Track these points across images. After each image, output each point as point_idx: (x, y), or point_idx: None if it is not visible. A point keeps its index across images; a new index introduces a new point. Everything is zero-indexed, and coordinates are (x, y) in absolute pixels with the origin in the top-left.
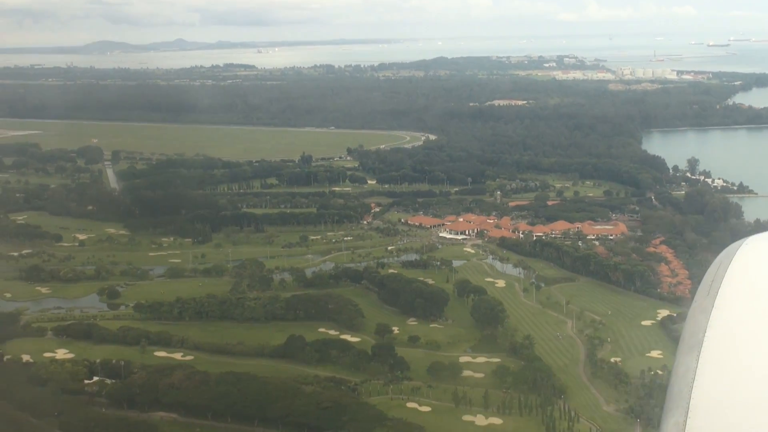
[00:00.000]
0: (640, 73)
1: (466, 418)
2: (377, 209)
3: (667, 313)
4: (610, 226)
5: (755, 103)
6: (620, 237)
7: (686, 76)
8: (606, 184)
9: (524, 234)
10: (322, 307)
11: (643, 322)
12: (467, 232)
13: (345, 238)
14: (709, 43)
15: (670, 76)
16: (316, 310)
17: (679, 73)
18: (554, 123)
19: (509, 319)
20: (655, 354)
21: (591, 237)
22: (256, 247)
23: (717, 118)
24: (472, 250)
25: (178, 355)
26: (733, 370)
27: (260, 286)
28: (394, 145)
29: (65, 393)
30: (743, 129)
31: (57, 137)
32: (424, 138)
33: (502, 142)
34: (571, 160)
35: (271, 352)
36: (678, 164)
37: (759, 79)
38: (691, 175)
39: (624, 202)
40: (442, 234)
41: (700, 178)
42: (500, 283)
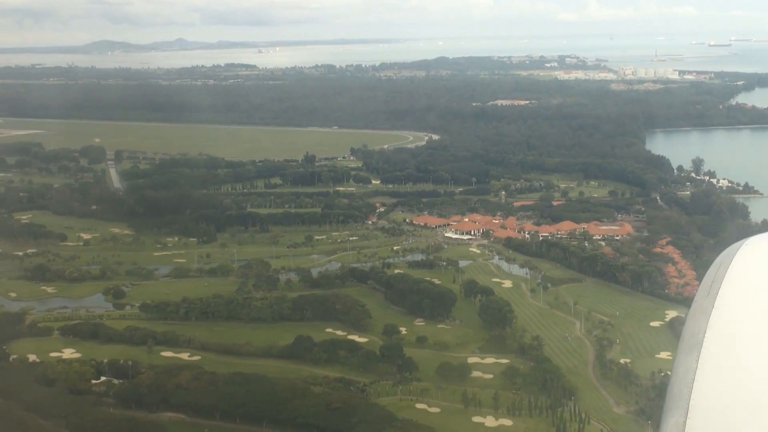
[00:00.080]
0: (642, 73)
1: (476, 419)
2: (382, 209)
3: (676, 314)
4: (616, 227)
5: (758, 103)
6: (626, 237)
7: (688, 76)
8: (611, 185)
9: (530, 234)
10: (329, 308)
11: (652, 323)
12: (472, 232)
13: (350, 238)
14: (710, 43)
15: (672, 76)
16: (323, 310)
17: (681, 73)
18: (557, 123)
19: (517, 320)
20: (665, 355)
21: (597, 237)
22: (261, 247)
23: (720, 118)
24: (478, 251)
25: (185, 356)
26: (733, 371)
27: (266, 286)
28: (398, 145)
29: (73, 393)
30: (747, 129)
31: (59, 137)
32: (427, 138)
33: (506, 142)
34: (575, 160)
35: (279, 353)
36: (682, 164)
37: (761, 79)
38: (695, 175)
39: (629, 202)
40: (448, 234)
41: (705, 179)
42: (507, 284)
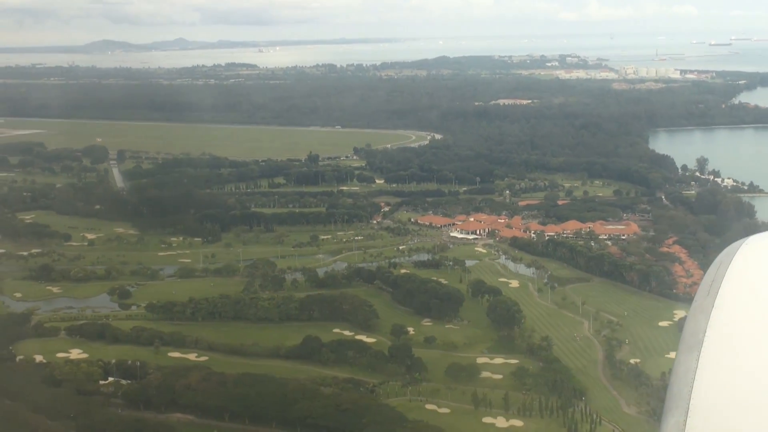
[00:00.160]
0: (644, 72)
1: (487, 420)
2: (386, 209)
3: (684, 314)
4: (622, 226)
5: (761, 103)
6: (633, 237)
7: (690, 76)
8: (615, 184)
9: (536, 234)
10: (336, 308)
11: (661, 323)
12: (478, 232)
13: (355, 238)
14: (710, 43)
15: (674, 75)
16: (330, 310)
17: (683, 72)
18: (560, 122)
19: (525, 320)
20: (674, 355)
21: (603, 237)
22: (267, 247)
23: (723, 118)
24: (484, 250)
25: (193, 356)
26: (733, 370)
27: (273, 286)
28: (401, 145)
29: (80, 394)
30: (750, 128)
31: (61, 136)
32: (430, 137)
33: (509, 142)
34: (579, 160)
35: (287, 353)
36: (686, 164)
37: (763, 78)
38: (700, 174)
39: (634, 201)
40: (453, 234)
41: (710, 178)
42: (514, 284)
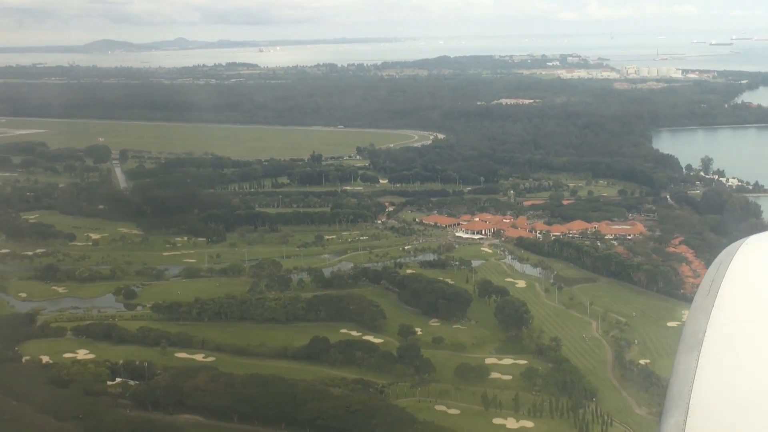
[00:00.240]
0: (645, 71)
1: (497, 421)
2: (391, 208)
3: None
4: (627, 226)
5: (763, 102)
6: (639, 237)
7: (691, 75)
8: (619, 184)
9: (542, 234)
10: (343, 308)
11: (669, 324)
12: (483, 232)
13: (360, 238)
14: (711, 42)
15: (675, 75)
16: (337, 310)
17: (684, 71)
18: (563, 122)
19: (533, 321)
20: None
21: (609, 237)
22: (271, 247)
23: (726, 117)
24: (490, 250)
25: (200, 357)
26: (733, 370)
27: (279, 286)
28: (404, 144)
29: (88, 394)
30: (753, 128)
31: (62, 136)
32: (433, 137)
33: (512, 141)
34: (583, 159)
35: (294, 354)
36: (690, 163)
37: (765, 78)
38: (704, 174)
39: (639, 201)
40: (458, 233)
41: (714, 178)
42: (521, 284)
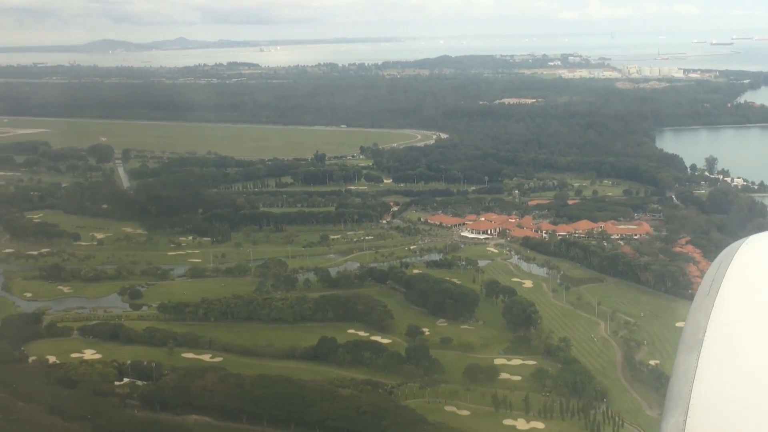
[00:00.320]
0: (647, 71)
1: (507, 422)
2: (395, 208)
3: None
4: (634, 226)
5: (766, 102)
6: (645, 237)
7: (693, 75)
8: (624, 183)
9: (548, 234)
10: (350, 308)
11: (678, 324)
12: (489, 232)
13: (366, 238)
14: (712, 42)
15: (677, 75)
16: (345, 310)
17: (686, 71)
18: (566, 121)
19: (541, 321)
20: None
21: (615, 237)
22: (277, 247)
23: (729, 117)
24: (496, 250)
25: (207, 357)
26: (733, 370)
27: (285, 286)
28: (407, 144)
29: (96, 395)
30: (756, 128)
31: (64, 135)
32: (435, 136)
33: (516, 141)
34: (587, 159)
35: (302, 354)
36: (695, 163)
37: (767, 78)
38: (709, 174)
39: (644, 201)
40: (464, 233)
41: (719, 177)
42: (527, 284)
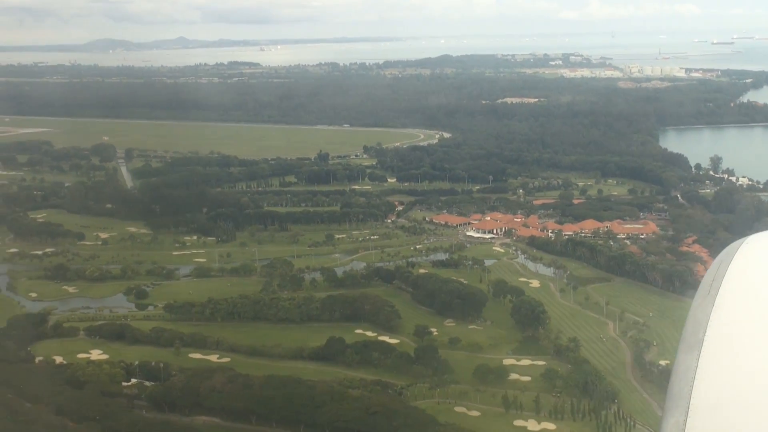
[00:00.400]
0: (649, 70)
1: (518, 423)
2: (400, 208)
3: None
4: (640, 225)
5: None
6: (652, 236)
7: (695, 74)
8: (629, 183)
9: (554, 233)
10: (357, 308)
11: None
12: (494, 231)
13: (371, 237)
14: (713, 41)
15: (679, 74)
16: (352, 310)
17: (688, 70)
18: (569, 121)
19: (549, 321)
20: None
21: (622, 236)
22: (282, 246)
23: (732, 116)
24: (502, 249)
25: (214, 357)
26: (733, 370)
27: (291, 286)
28: (410, 143)
29: (104, 396)
30: (759, 127)
31: (66, 135)
32: (438, 136)
33: (519, 140)
34: (592, 158)
35: (310, 354)
36: (699, 162)
37: None
38: (714, 173)
39: (649, 200)
40: (469, 233)
41: (724, 177)
42: (534, 283)
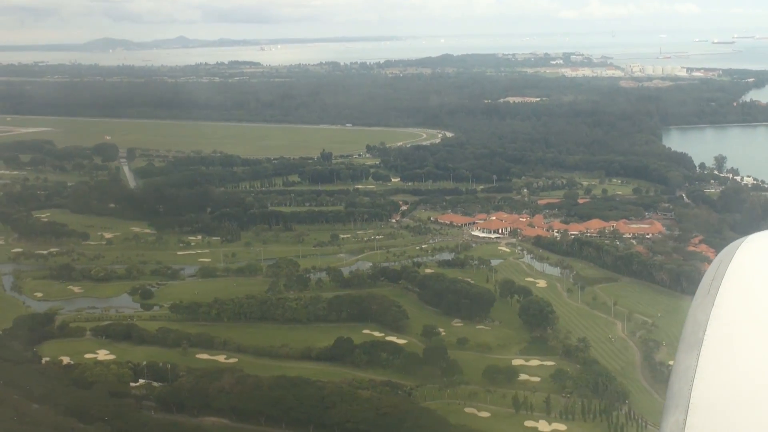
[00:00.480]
0: (650, 70)
1: (529, 424)
2: (405, 207)
3: None
4: (646, 225)
5: None
6: (658, 236)
7: (696, 73)
8: (633, 182)
9: (560, 233)
10: (364, 308)
11: None
12: (500, 231)
13: (376, 237)
14: (713, 41)
15: (680, 73)
16: (359, 311)
17: (689, 70)
18: (572, 120)
19: (558, 321)
20: None
21: (628, 236)
22: (287, 246)
23: (735, 116)
24: (508, 249)
25: (221, 358)
26: (733, 369)
27: (298, 286)
28: (413, 142)
29: (112, 396)
30: (763, 126)
31: (68, 134)
32: (441, 135)
33: (523, 140)
34: (596, 158)
35: (318, 355)
36: (703, 162)
37: None
38: (718, 172)
39: (654, 200)
40: (474, 232)
41: (729, 176)
42: (541, 283)
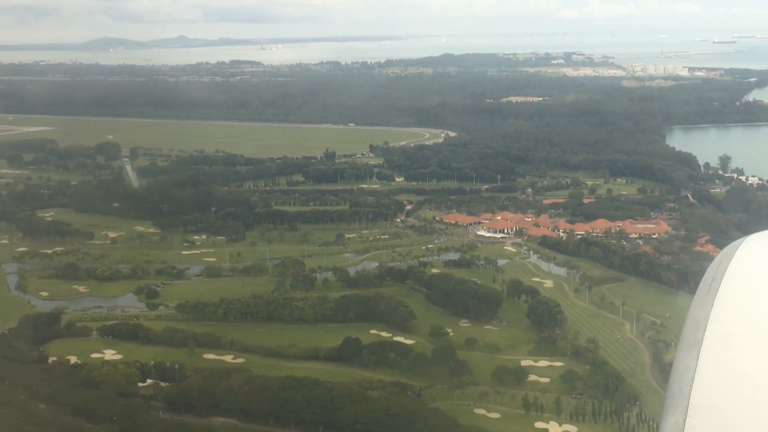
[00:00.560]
0: (652, 69)
1: (539, 425)
2: (409, 207)
3: None
4: (652, 225)
5: None
6: (665, 236)
7: (698, 73)
8: (638, 182)
9: (566, 232)
10: (372, 308)
11: None
12: (505, 231)
13: (381, 237)
14: (714, 40)
15: (682, 73)
16: (366, 311)
17: (691, 69)
18: (575, 120)
19: (566, 322)
20: None
21: (634, 236)
22: (292, 246)
23: (738, 115)
24: (513, 249)
25: (229, 358)
26: (733, 369)
27: (304, 285)
28: (416, 142)
29: (120, 396)
30: (766, 126)
31: (70, 133)
32: (444, 135)
33: (526, 139)
34: (600, 157)
35: (326, 355)
36: (708, 161)
37: None
38: (723, 172)
39: (660, 200)
40: (480, 232)
41: (734, 176)
42: (548, 283)
